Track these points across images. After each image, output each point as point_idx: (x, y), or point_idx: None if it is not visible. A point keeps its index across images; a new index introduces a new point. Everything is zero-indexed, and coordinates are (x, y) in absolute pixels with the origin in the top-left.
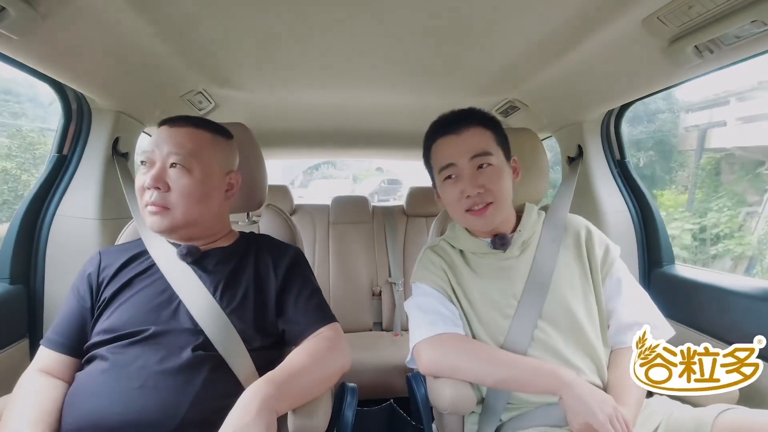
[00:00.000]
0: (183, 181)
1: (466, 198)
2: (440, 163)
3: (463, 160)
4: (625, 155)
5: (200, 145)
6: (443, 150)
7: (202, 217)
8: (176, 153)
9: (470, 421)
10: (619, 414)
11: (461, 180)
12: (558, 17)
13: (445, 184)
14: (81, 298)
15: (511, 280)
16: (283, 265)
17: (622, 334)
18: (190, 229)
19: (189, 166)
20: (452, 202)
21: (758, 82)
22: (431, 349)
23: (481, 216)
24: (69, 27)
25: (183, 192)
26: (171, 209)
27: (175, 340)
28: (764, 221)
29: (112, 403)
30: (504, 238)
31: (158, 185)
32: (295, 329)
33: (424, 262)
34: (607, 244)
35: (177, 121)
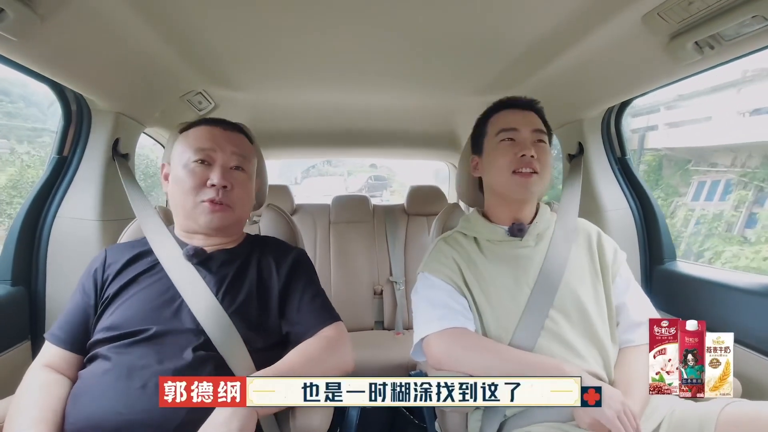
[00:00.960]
0: (243, 182)
1: (521, 157)
2: (502, 125)
3: (526, 130)
4: (626, 152)
5: (249, 150)
6: (509, 117)
7: (247, 216)
8: (238, 155)
9: (474, 418)
10: (627, 409)
11: (519, 144)
12: (558, 14)
13: (500, 145)
14: (86, 294)
15: (524, 268)
16: (286, 266)
17: (630, 332)
18: (234, 228)
19: (247, 170)
20: (503, 162)
21: (678, 95)
22: (441, 342)
23: (527, 179)
24: (68, 28)
25: (243, 192)
26: (232, 208)
27: (177, 341)
28: (685, 209)
29: (114, 404)
30: (521, 226)
31: (226, 184)
32: (298, 331)
33: (435, 253)
34: (616, 248)
35: (225, 124)
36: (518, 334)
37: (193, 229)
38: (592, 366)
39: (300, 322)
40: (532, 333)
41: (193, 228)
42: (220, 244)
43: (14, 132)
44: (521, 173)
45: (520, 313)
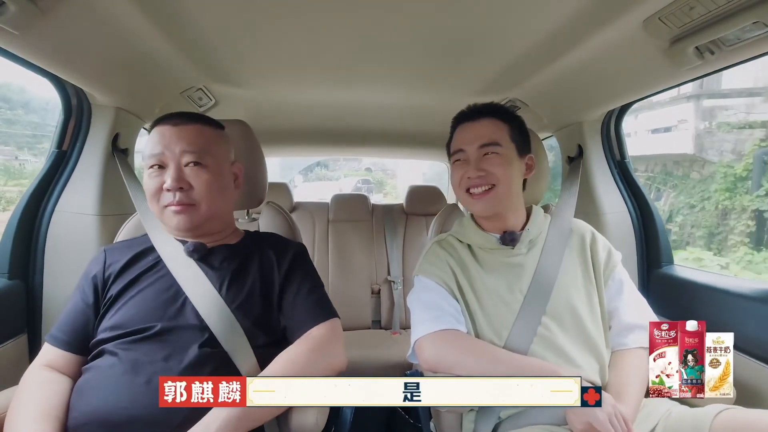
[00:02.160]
0: (203, 177)
1: (468, 179)
2: (454, 147)
3: (472, 147)
4: (626, 156)
5: (208, 141)
6: (458, 136)
7: (223, 209)
8: (190, 151)
9: (468, 419)
10: (618, 412)
11: (466, 164)
12: (559, 17)
13: (454, 167)
14: (85, 296)
15: (517, 276)
16: (286, 261)
17: (623, 335)
18: (211, 224)
19: (205, 163)
20: (456, 184)
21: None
22: (433, 345)
23: (480, 199)
24: (69, 22)
25: (205, 188)
26: (196, 206)
27: (181, 337)
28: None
29: (119, 399)
30: (513, 235)
31: (181, 185)
32: (292, 325)
33: (429, 256)
34: (609, 249)
35: (178, 118)
36: (511, 340)
37: (172, 232)
38: (586, 373)
39: (294, 316)
40: (525, 340)
41: (171, 231)
42: (220, 240)
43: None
44: (473, 195)
45: (513, 319)
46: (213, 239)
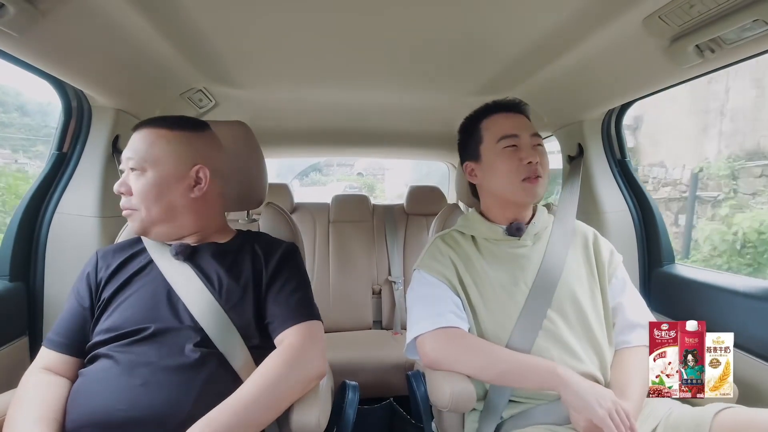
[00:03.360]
0: (138, 183)
1: (527, 164)
2: (502, 132)
3: (526, 135)
4: (626, 155)
5: (151, 144)
6: (506, 122)
7: (166, 213)
8: (131, 157)
9: (471, 419)
10: (618, 407)
11: (523, 150)
12: (559, 16)
13: (504, 152)
14: (81, 298)
15: (523, 268)
16: (274, 260)
17: (626, 333)
18: (162, 227)
19: (141, 168)
20: (509, 169)
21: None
22: (434, 342)
23: (534, 185)
24: (69, 24)
25: (139, 193)
26: (138, 211)
27: (176, 338)
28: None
29: (116, 401)
30: (520, 225)
31: (122, 190)
32: (271, 324)
33: (431, 251)
34: (611, 249)
35: (140, 125)
36: (516, 334)
37: None
38: (588, 367)
39: (273, 315)
40: (530, 333)
41: None
42: (206, 238)
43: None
44: (529, 180)
45: (518, 312)
46: (195, 238)
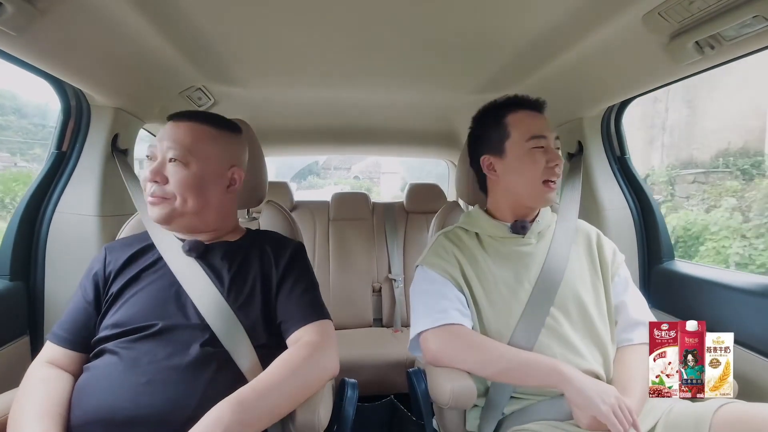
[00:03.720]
0: (179, 174)
1: (552, 168)
2: (532, 131)
3: (551, 136)
4: (626, 151)
5: (198, 140)
6: (535, 121)
7: (200, 208)
8: (173, 148)
9: (472, 416)
10: (622, 403)
11: (549, 152)
12: (558, 13)
13: (533, 152)
14: (87, 294)
15: (526, 266)
16: (284, 260)
17: (628, 331)
18: (189, 220)
19: (185, 161)
20: (536, 170)
21: None
22: (438, 338)
23: (552, 189)
24: (67, 23)
25: (179, 184)
26: (169, 200)
27: (183, 336)
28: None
29: (121, 398)
30: (524, 223)
31: (156, 179)
32: (284, 324)
33: (435, 247)
34: (614, 248)
35: (181, 116)
36: (519, 331)
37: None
38: (591, 365)
39: (285, 314)
40: (533, 330)
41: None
42: (218, 237)
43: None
44: (548, 183)
45: (522, 310)
46: (210, 236)
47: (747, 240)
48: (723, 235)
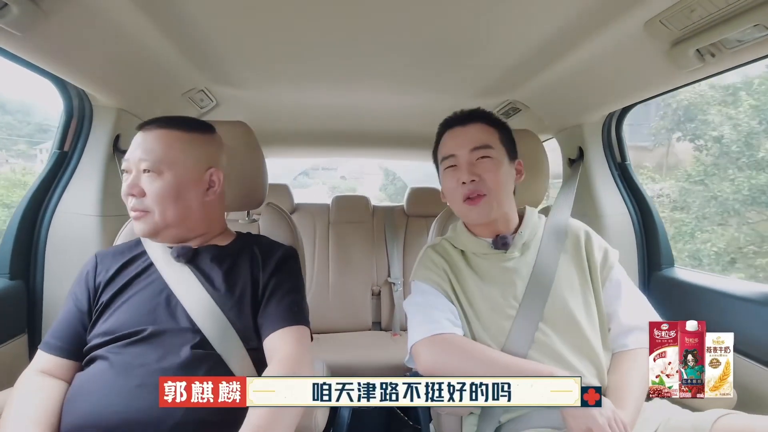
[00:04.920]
0: (154, 185)
1: (462, 185)
2: (444, 153)
3: (464, 151)
4: (626, 158)
5: (168, 146)
6: (448, 141)
7: (181, 216)
8: (145, 159)
9: (468, 423)
10: (617, 417)
11: (459, 169)
12: (560, 19)
13: (445, 174)
14: (78, 301)
15: (512, 281)
16: (272, 263)
17: (622, 337)
18: (174, 230)
19: (158, 170)
20: (450, 190)
21: None
22: (430, 349)
23: (475, 205)
24: (71, 24)
25: (155, 195)
26: (150, 213)
27: (173, 340)
28: None
29: (112, 402)
30: (505, 239)
31: (133, 192)
32: (261, 326)
33: (424, 260)
34: (605, 248)
35: (149, 124)
36: (508, 346)
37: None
38: (585, 377)
39: (264, 316)
40: (522, 346)
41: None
42: (207, 241)
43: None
44: (469, 200)
45: (510, 326)
46: (199, 241)
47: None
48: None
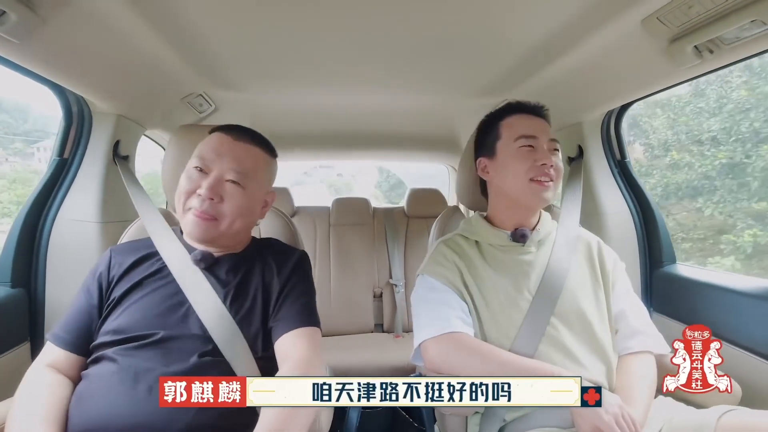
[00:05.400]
0: (237, 197)
1: (540, 166)
2: (521, 131)
3: (544, 138)
4: (626, 155)
5: (256, 164)
6: (526, 122)
7: (242, 229)
8: (236, 170)
9: (473, 422)
10: (625, 413)
11: (538, 152)
12: (558, 17)
13: (520, 151)
14: (90, 296)
15: (527, 274)
16: (287, 270)
17: (629, 339)
18: (225, 240)
19: (244, 184)
20: (522, 168)
21: None
22: (438, 347)
23: (543, 187)
24: (69, 30)
25: (234, 207)
26: (219, 220)
27: (183, 346)
28: None
29: (120, 406)
30: (524, 232)
31: (212, 196)
32: (274, 327)
33: (435, 255)
34: (615, 257)
35: (237, 132)
36: (519, 340)
37: (185, 237)
38: (593, 374)
39: (277, 317)
40: (533, 340)
41: (186, 236)
42: (227, 249)
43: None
44: (539, 181)
45: (522, 319)
46: (221, 250)
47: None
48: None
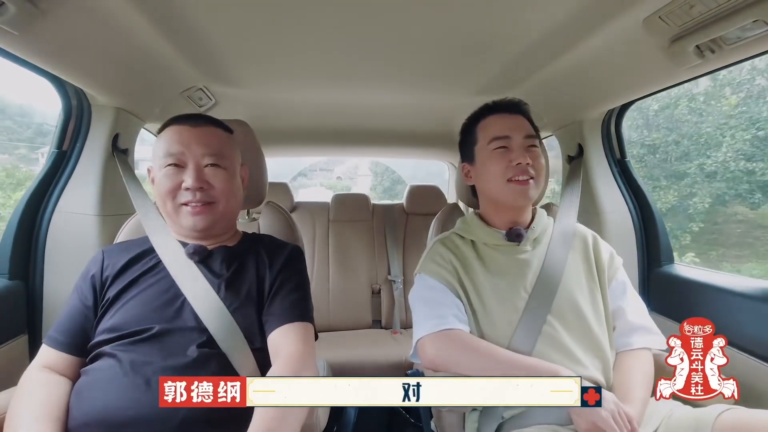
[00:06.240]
0: (221, 178)
1: (515, 166)
2: (494, 133)
3: (519, 136)
4: (626, 154)
5: (223, 143)
6: (499, 123)
7: (234, 210)
8: (210, 153)
9: (471, 419)
10: (621, 410)
11: (512, 152)
12: (559, 16)
13: (494, 154)
14: (84, 297)
15: (522, 273)
16: (279, 263)
17: (627, 335)
18: (222, 224)
19: (223, 165)
20: (497, 171)
21: None
22: (435, 344)
23: (523, 186)
24: (69, 23)
25: (224, 188)
26: (215, 204)
27: (180, 338)
28: None
29: (119, 400)
30: (519, 230)
31: (202, 185)
32: (266, 322)
33: (432, 254)
34: (611, 251)
35: (195, 120)
36: (516, 339)
37: (180, 232)
38: (590, 371)
39: (269, 311)
40: (530, 339)
41: (180, 231)
42: (220, 242)
43: None
44: (517, 181)
45: (518, 318)
46: (214, 241)
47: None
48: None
